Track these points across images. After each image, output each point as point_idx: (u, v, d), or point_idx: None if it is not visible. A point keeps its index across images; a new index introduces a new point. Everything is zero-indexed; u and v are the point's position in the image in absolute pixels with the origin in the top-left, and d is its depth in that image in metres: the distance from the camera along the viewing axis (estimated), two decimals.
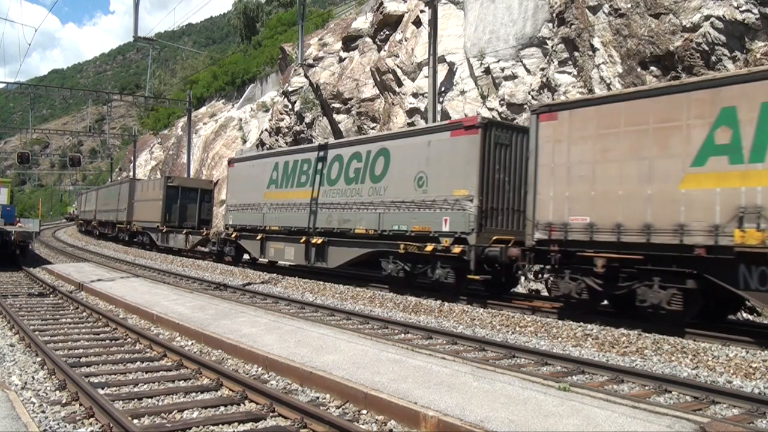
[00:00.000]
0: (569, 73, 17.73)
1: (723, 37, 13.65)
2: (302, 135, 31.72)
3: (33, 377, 7.27)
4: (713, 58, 13.85)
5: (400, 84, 24.40)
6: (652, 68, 15.08)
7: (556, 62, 18.03)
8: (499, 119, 18.58)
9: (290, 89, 33.53)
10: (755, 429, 5.99)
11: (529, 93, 19.14)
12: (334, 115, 28.79)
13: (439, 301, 13.26)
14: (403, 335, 10.51)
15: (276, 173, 20.21)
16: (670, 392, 7.26)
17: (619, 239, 10.41)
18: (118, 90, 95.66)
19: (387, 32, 26.98)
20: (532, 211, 11.91)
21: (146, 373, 7.61)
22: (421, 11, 23.57)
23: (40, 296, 14.59)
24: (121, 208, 35.93)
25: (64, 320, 11.49)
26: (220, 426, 5.66)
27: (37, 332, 9.79)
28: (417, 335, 10.45)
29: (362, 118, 27.19)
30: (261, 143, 37.20)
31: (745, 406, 6.63)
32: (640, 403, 6.01)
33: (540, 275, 12.35)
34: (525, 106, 18.99)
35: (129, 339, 9.72)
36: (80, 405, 6.20)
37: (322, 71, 31.17)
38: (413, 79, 23.86)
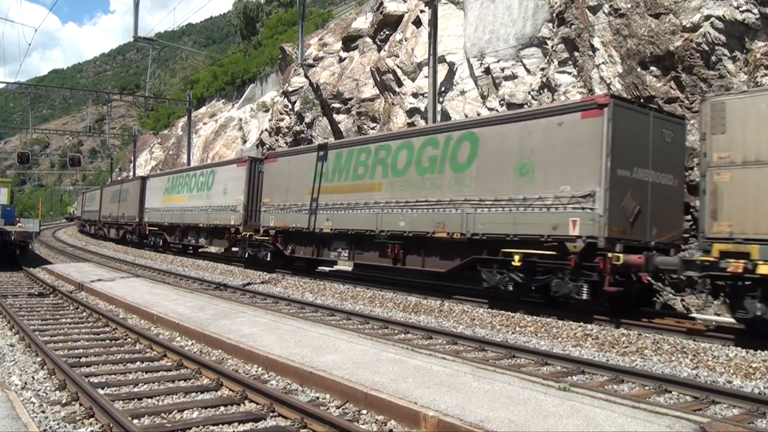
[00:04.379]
0: (569, 73, 17.73)
1: (723, 37, 13.64)
2: (302, 135, 31.72)
3: (33, 377, 7.27)
4: (713, 58, 13.84)
5: (400, 84, 24.40)
6: (652, 68, 15.08)
7: (556, 62, 18.02)
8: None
9: (290, 89, 33.52)
10: (755, 429, 5.99)
11: (529, 93, 19.14)
12: (334, 115, 28.79)
13: (439, 301, 13.26)
14: (403, 335, 10.51)
15: None
16: (670, 392, 7.26)
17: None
18: (118, 90, 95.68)
19: (387, 32, 26.96)
20: None
21: (146, 373, 7.61)
22: (421, 11, 23.56)
23: (40, 296, 14.59)
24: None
25: (64, 320, 11.49)
26: (220, 426, 5.66)
27: (37, 332, 9.79)
28: (417, 335, 10.45)
29: (362, 118, 27.19)
30: (261, 143, 37.19)
31: (745, 406, 6.63)
32: (640, 403, 6.01)
33: None
34: (525, 106, 18.99)
35: (129, 339, 9.72)
36: (80, 405, 6.19)
37: (322, 71, 31.17)
38: (413, 79, 23.86)
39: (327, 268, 21.55)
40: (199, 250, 30.05)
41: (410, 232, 14.67)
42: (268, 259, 20.40)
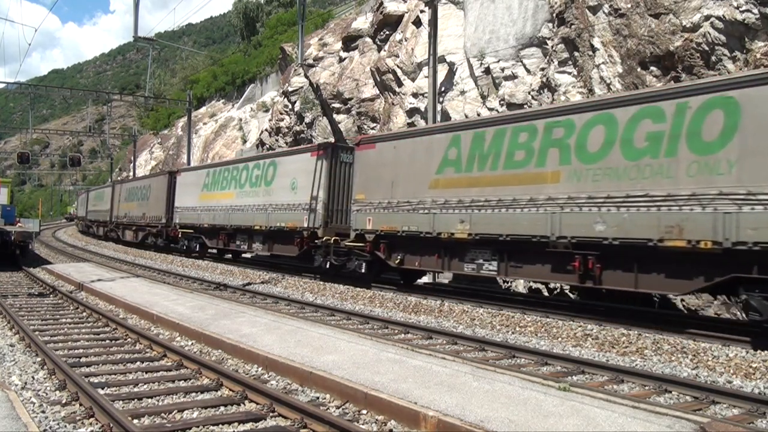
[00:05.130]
0: (569, 73, 17.74)
1: (723, 37, 13.64)
2: (302, 135, 31.75)
3: (33, 377, 7.27)
4: (713, 58, 13.84)
5: (400, 84, 24.41)
6: (652, 68, 15.08)
7: (556, 62, 18.03)
8: None
9: (290, 89, 33.54)
10: (755, 429, 5.99)
11: (529, 93, 19.15)
12: (334, 115, 28.80)
13: (439, 301, 13.26)
14: (403, 335, 10.51)
15: None
16: (670, 392, 7.26)
17: None
18: (118, 90, 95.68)
19: (387, 32, 26.99)
20: None
21: (146, 373, 7.61)
22: (421, 11, 23.58)
23: (40, 296, 14.59)
24: None
25: (64, 320, 11.50)
26: (220, 426, 5.66)
27: (37, 332, 9.80)
28: (417, 335, 10.45)
29: (362, 118, 27.20)
30: (261, 143, 37.22)
31: (745, 406, 6.63)
32: (640, 403, 6.01)
33: None
34: (525, 106, 19.00)
35: (129, 339, 9.72)
36: (80, 405, 6.20)
37: (322, 71, 31.19)
38: (413, 79, 23.87)
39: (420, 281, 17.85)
40: (242, 256, 25.88)
41: (615, 240, 10.48)
42: (363, 270, 16.00)
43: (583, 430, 5.07)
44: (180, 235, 27.32)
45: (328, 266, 17.23)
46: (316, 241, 17.65)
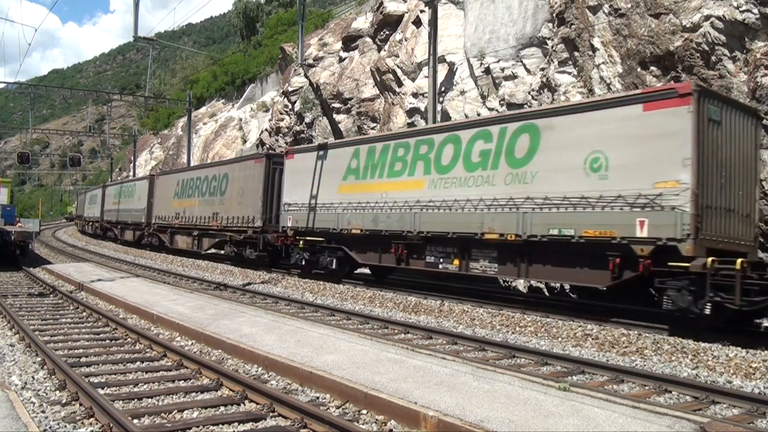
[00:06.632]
0: (569, 73, 17.73)
1: (723, 37, 13.64)
2: (302, 135, 31.74)
3: (33, 377, 7.28)
4: (713, 58, 13.84)
5: (400, 84, 24.40)
6: (652, 68, 15.07)
7: (556, 62, 18.02)
8: None
9: (290, 89, 33.53)
10: (755, 429, 5.99)
11: (529, 93, 19.14)
12: (334, 115, 28.80)
13: (439, 301, 13.26)
14: (403, 335, 10.51)
15: None
16: (670, 392, 7.26)
17: None
18: (118, 90, 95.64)
19: (387, 32, 26.98)
20: None
21: (146, 373, 7.62)
22: (421, 11, 23.57)
23: (40, 296, 14.59)
24: None
25: (64, 320, 11.50)
26: (220, 426, 5.66)
27: (37, 332, 9.80)
28: (417, 335, 10.45)
29: (362, 118, 27.20)
30: (261, 143, 37.23)
31: (745, 406, 6.64)
32: (640, 403, 6.02)
33: None
34: (525, 106, 18.99)
35: (129, 339, 9.72)
36: (80, 405, 6.20)
37: (322, 71, 31.18)
38: (413, 79, 23.86)
39: None
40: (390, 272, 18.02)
41: None
42: None
43: (583, 430, 5.08)
44: (300, 245, 18.76)
45: (707, 311, 9.64)
46: (669, 264, 9.86)
